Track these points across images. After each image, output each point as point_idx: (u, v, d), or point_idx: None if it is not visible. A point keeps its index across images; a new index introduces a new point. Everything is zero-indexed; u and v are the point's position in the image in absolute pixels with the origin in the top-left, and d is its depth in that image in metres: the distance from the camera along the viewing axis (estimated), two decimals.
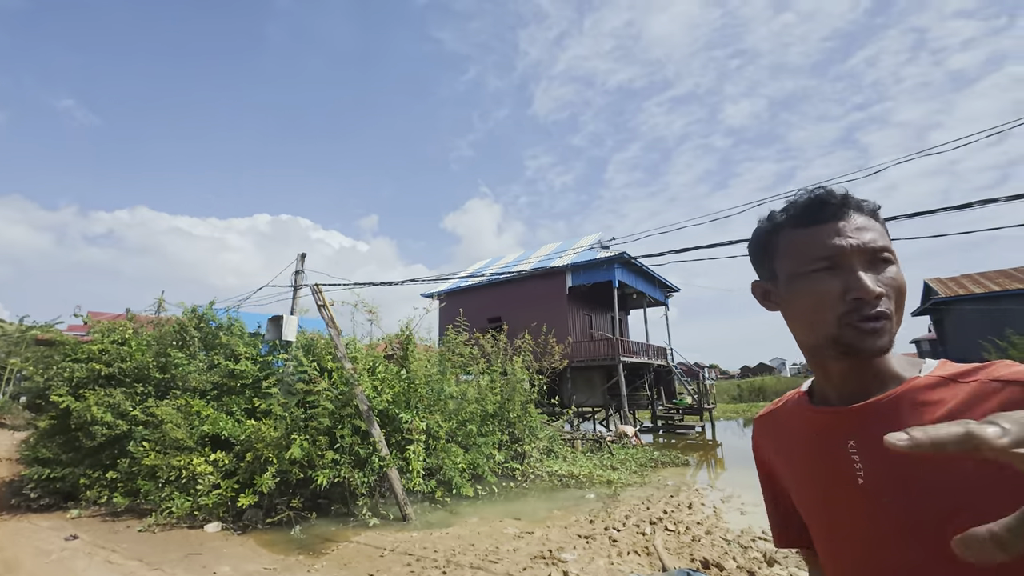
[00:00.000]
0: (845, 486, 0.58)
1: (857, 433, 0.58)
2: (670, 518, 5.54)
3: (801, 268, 0.62)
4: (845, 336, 0.58)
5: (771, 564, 4.13)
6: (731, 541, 4.76)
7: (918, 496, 0.52)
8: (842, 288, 0.58)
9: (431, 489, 6.24)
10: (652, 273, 16.64)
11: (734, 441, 13.90)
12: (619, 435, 11.31)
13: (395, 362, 7.54)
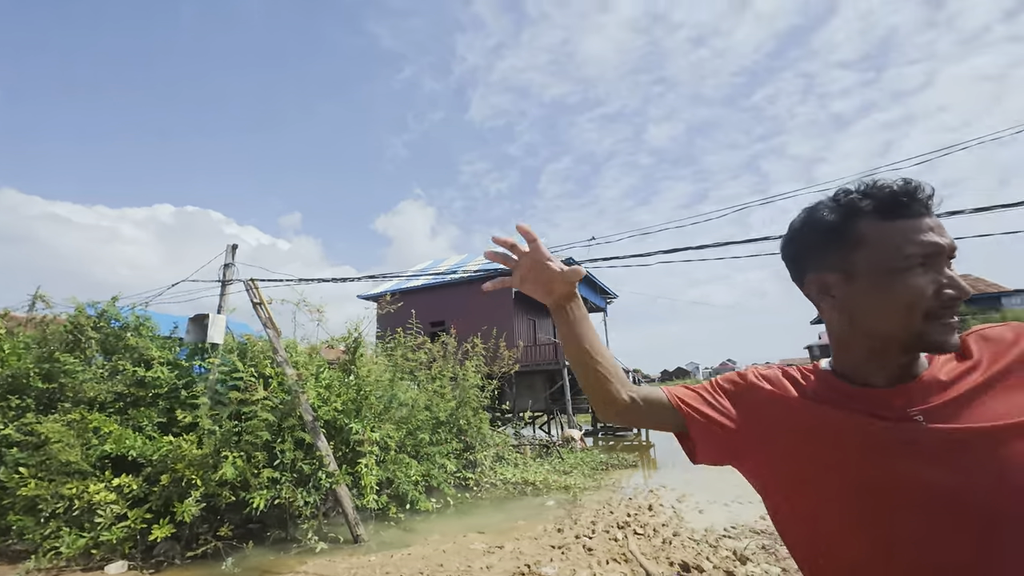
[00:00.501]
0: (920, 444, 0.59)
1: (926, 401, 0.61)
2: (636, 521, 5.52)
3: (895, 263, 0.60)
4: (933, 332, 0.60)
5: (744, 562, 4.20)
6: (700, 541, 4.81)
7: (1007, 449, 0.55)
8: (936, 286, 0.59)
9: (383, 505, 5.70)
10: (594, 279, 17.08)
11: (666, 443, 14.50)
12: (566, 439, 11.34)
13: (340, 367, 6.88)
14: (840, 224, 0.64)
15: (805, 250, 0.70)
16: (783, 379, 0.74)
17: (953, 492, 0.56)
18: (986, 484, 0.55)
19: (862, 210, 0.63)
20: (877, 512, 0.59)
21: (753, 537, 4.87)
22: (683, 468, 9.37)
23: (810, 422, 0.66)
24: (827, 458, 0.63)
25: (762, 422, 0.71)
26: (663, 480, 8.21)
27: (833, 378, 0.69)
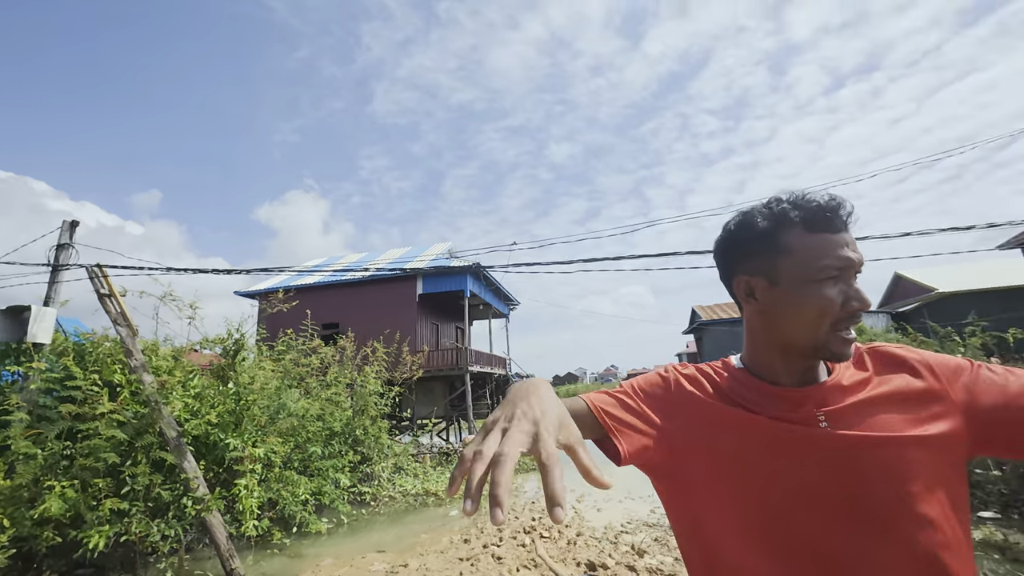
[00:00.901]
0: (820, 448, 0.63)
1: (824, 407, 0.66)
2: (541, 524, 5.59)
3: (812, 274, 0.64)
4: (832, 343, 0.64)
5: (641, 555, 4.47)
6: (601, 539, 5.02)
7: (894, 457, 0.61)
8: (844, 297, 0.63)
9: (265, 530, 5.00)
10: (499, 285, 17.27)
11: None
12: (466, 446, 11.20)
13: (216, 374, 5.93)
14: (770, 231, 0.68)
15: (736, 252, 0.73)
16: (700, 377, 0.76)
17: (848, 494, 0.61)
18: (878, 488, 0.60)
19: (791, 220, 0.66)
20: (779, 511, 0.62)
21: (647, 531, 5.23)
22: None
23: (722, 422, 0.69)
24: (736, 458, 0.66)
25: (679, 423, 0.72)
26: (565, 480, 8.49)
27: (747, 376, 0.73)
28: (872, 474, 0.61)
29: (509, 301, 20.06)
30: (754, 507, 0.64)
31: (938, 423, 0.63)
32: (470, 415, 13.57)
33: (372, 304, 14.99)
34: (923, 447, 0.61)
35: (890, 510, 0.59)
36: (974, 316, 6.41)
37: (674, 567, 4.08)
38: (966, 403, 0.64)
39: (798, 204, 0.67)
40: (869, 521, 0.60)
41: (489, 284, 17.03)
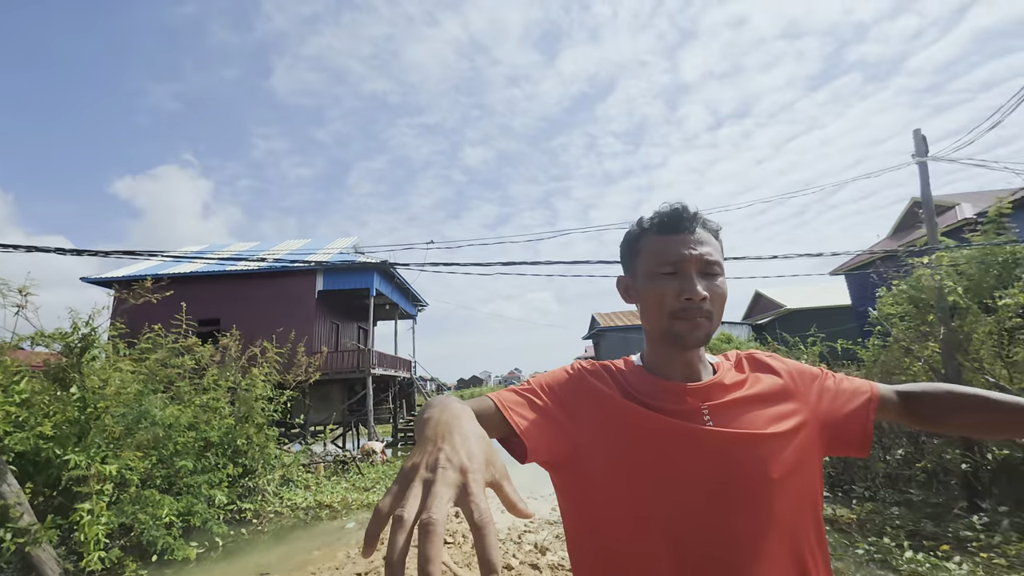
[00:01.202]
0: (702, 443, 0.69)
1: (707, 401, 0.73)
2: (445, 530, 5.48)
3: (654, 269, 0.74)
4: (675, 328, 0.72)
5: (544, 552, 4.59)
6: (505, 539, 5.06)
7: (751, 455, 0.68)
8: (679, 290, 0.71)
9: (115, 562, 4.21)
10: (408, 285, 16.74)
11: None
12: (366, 453, 10.61)
13: (53, 376, 4.89)
14: (637, 237, 0.78)
15: (621, 259, 0.83)
16: (603, 373, 0.80)
17: (725, 483, 0.68)
18: (749, 478, 0.68)
19: (649, 227, 0.77)
20: (667, 500, 0.68)
21: (549, 528, 5.39)
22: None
23: (620, 416, 0.73)
24: (631, 451, 0.70)
25: (582, 419, 0.74)
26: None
27: (643, 372, 0.79)
28: (745, 466, 0.68)
29: (417, 302, 19.54)
30: (646, 497, 0.68)
31: (796, 419, 0.73)
32: (371, 420, 12.90)
33: (262, 299, 13.57)
34: (785, 441, 0.71)
35: (759, 497, 0.67)
36: (815, 329, 7.69)
37: None
38: (815, 405, 0.76)
39: (655, 213, 0.77)
40: (743, 507, 0.67)
41: (397, 283, 16.43)
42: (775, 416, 0.73)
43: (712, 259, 0.73)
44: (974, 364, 4.75)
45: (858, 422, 0.76)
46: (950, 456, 4.63)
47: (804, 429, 0.73)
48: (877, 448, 5.69)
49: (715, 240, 0.77)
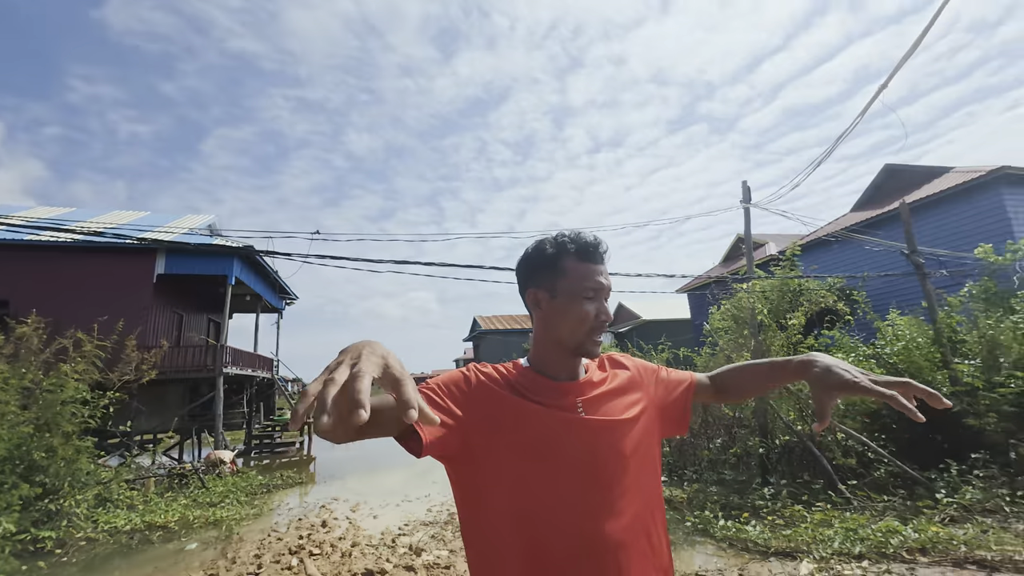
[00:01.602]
0: (576, 429, 0.84)
1: (581, 396, 0.89)
2: (311, 542, 5.11)
3: (578, 291, 0.87)
4: (587, 344, 0.88)
5: (419, 554, 4.59)
6: (379, 545, 4.93)
7: (621, 437, 0.86)
8: (597, 312, 0.87)
9: None
10: (276, 276, 15.09)
11: (329, 453, 13.92)
12: (212, 463, 9.29)
13: None
14: (554, 257, 0.89)
15: (530, 271, 0.92)
16: (495, 374, 0.91)
17: (592, 462, 0.82)
18: (610, 456, 0.83)
19: (568, 250, 0.88)
20: (549, 480, 0.81)
21: (424, 529, 5.39)
22: (353, 478, 9.36)
23: (509, 410, 0.84)
24: (517, 439, 0.82)
25: (475, 414, 0.83)
26: (333, 493, 7.93)
27: (531, 373, 0.91)
28: (607, 446, 0.83)
29: (285, 295, 17.69)
30: (529, 475, 0.80)
31: (641, 406, 0.92)
32: (219, 426, 11.30)
33: (78, 280, 11.02)
34: (634, 424, 0.88)
35: (617, 472, 0.83)
36: (664, 338, 8.99)
37: (450, 559, 4.34)
38: (653, 394, 0.97)
39: (574, 239, 0.89)
40: (605, 481, 0.82)
41: (263, 272, 14.72)
42: (628, 404, 0.91)
43: (611, 288, 0.91)
44: None
45: (680, 405, 0.99)
46: (752, 443, 5.83)
47: (646, 413, 0.93)
48: (703, 438, 6.87)
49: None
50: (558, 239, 0.90)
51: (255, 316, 16.82)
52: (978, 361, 5.18)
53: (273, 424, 15.24)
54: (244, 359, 13.82)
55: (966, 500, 4.00)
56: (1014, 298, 5.95)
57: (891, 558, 3.28)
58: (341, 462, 11.60)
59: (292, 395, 17.59)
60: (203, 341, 13.79)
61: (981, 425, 4.61)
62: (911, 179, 13.29)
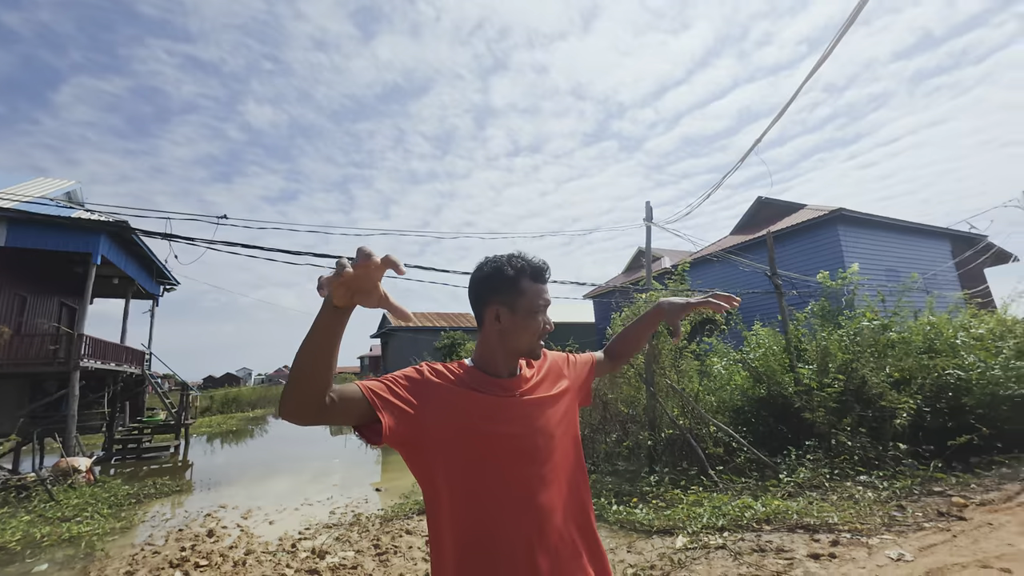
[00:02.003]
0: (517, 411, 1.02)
1: (521, 388, 1.07)
2: (195, 553, 4.68)
3: (534, 308, 1.05)
4: (536, 349, 1.09)
5: (323, 556, 4.45)
6: (276, 551, 4.67)
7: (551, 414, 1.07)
8: (543, 323, 1.08)
9: None
10: (154, 258, 13.24)
11: (209, 459, 12.53)
12: (63, 472, 7.94)
13: None
14: (514, 278, 1.04)
15: (492, 289, 1.06)
16: (444, 371, 1.04)
17: (531, 438, 1.00)
18: (545, 431, 1.02)
19: (526, 273, 1.06)
20: (497, 455, 0.96)
21: (328, 532, 5.21)
22: (240, 484, 8.61)
23: (460, 399, 0.98)
24: (468, 423, 0.96)
25: (430, 403, 0.96)
26: (219, 500, 7.25)
27: (477, 371, 1.06)
28: (542, 422, 1.03)
29: (165, 280, 15.59)
30: (477, 458, 0.94)
31: (563, 385, 1.14)
32: (72, 429, 9.64)
33: None
34: (561, 401, 1.11)
35: (551, 445, 1.02)
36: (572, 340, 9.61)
37: (357, 559, 4.27)
38: (571, 375, 1.20)
39: (529, 263, 1.06)
40: (542, 457, 0.99)
41: (138, 252, 12.86)
42: (556, 387, 1.12)
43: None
44: (661, 370, 6.85)
45: (587, 381, 1.26)
46: (642, 436, 6.53)
47: (569, 393, 1.15)
48: (601, 433, 7.49)
49: None
50: (515, 264, 1.05)
51: (124, 302, 14.61)
52: (815, 366, 6.37)
53: (142, 426, 13.36)
54: (108, 351, 11.95)
55: (800, 479, 4.93)
56: (841, 316, 7.39)
57: (745, 528, 3.95)
58: (222, 468, 10.56)
59: (166, 393, 15.57)
60: (53, 329, 11.67)
61: (813, 418, 5.69)
62: (777, 211, 15.71)
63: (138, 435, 12.92)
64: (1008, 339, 6.38)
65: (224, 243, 3.57)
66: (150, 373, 15.37)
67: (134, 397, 14.87)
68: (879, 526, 3.68)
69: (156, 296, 15.65)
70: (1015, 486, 4.23)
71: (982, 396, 5.35)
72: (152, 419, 14.00)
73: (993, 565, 2.84)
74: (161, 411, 15.36)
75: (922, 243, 14.27)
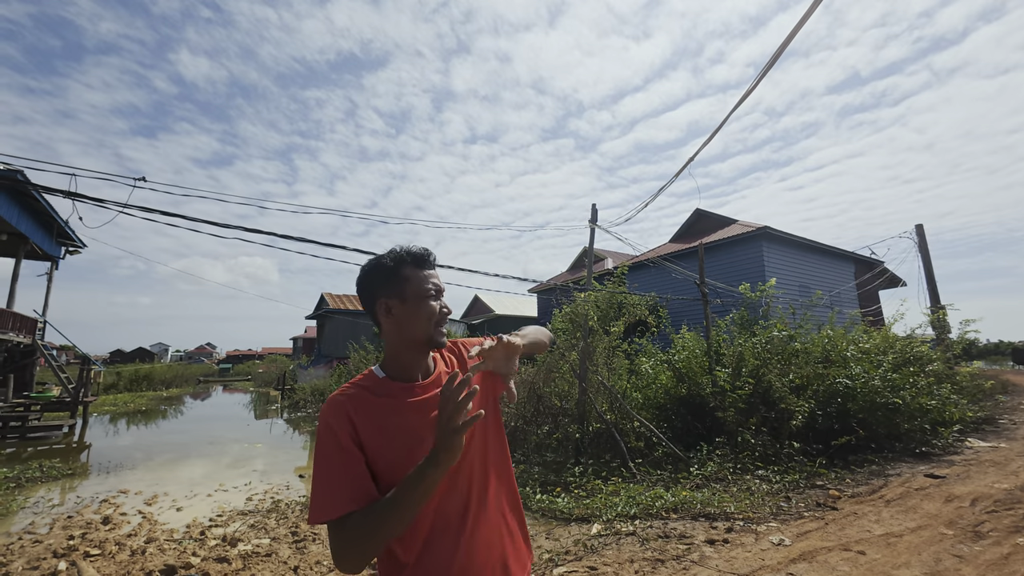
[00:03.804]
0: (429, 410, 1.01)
1: (436, 386, 1.06)
2: (86, 542, 4.30)
3: (421, 294, 1.02)
4: (435, 336, 1.04)
5: (234, 544, 4.25)
6: (182, 539, 4.40)
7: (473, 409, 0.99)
8: (439, 307, 1.04)
9: None
10: (54, 213, 11.78)
11: (111, 440, 11.47)
12: None
13: None
14: (395, 268, 1.03)
15: (376, 285, 1.04)
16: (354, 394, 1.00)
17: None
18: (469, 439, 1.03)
19: (406, 261, 1.04)
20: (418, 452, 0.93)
21: (243, 519, 4.98)
22: (146, 468, 7.97)
23: (378, 411, 0.97)
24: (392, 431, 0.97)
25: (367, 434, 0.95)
26: (120, 485, 6.67)
27: (388, 381, 1.03)
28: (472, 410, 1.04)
29: (67, 240, 13.92)
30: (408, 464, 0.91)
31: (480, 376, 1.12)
32: None
33: None
34: (482, 393, 1.10)
35: (477, 438, 1.05)
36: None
37: (272, 547, 4.13)
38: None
39: (408, 251, 1.05)
40: (470, 450, 1.02)
41: (35, 207, 11.39)
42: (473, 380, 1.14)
43: (443, 287, 1.09)
44: (594, 367, 7.15)
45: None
46: (572, 429, 6.80)
47: (488, 386, 1.15)
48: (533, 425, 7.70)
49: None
50: (393, 254, 1.05)
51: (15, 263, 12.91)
52: (730, 369, 6.94)
53: (28, 403, 11.93)
54: None
55: (707, 472, 5.37)
56: (756, 325, 8.08)
57: (655, 516, 4.26)
58: (126, 450, 9.70)
59: (62, 367, 14.00)
60: None
61: (725, 417, 6.21)
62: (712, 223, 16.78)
63: (23, 412, 11.53)
64: (889, 354, 7.31)
65: (140, 208, 3.21)
66: (43, 343, 13.73)
67: (21, 370, 13.23)
68: (768, 515, 4.11)
69: (56, 258, 13.95)
70: (879, 481, 4.88)
71: (863, 402, 6.09)
72: (42, 395, 12.55)
73: (852, 548, 3.28)
74: (55, 386, 13.82)
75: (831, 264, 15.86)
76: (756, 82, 3.28)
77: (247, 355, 75.14)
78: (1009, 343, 34.87)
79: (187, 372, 35.22)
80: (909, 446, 6.01)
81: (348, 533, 0.84)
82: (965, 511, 3.87)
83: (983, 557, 3.06)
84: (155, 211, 3.35)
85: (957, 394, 7.49)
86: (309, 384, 19.66)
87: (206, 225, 3.59)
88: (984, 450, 5.97)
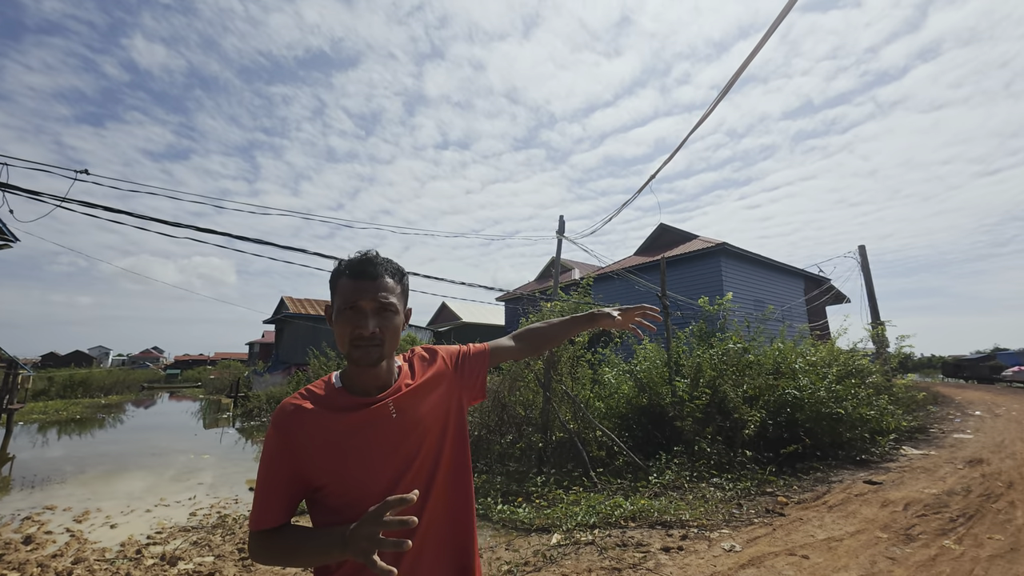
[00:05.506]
0: (391, 435, 0.94)
1: (394, 405, 0.96)
2: (4, 564, 3.92)
3: (340, 306, 0.93)
4: (352, 355, 0.92)
5: (174, 563, 3.99)
6: (116, 559, 4.09)
7: (424, 428, 0.98)
8: (354, 326, 0.91)
9: None
10: None
11: (38, 452, 10.41)
12: None
13: None
14: (334, 279, 0.97)
15: (330, 290, 0.99)
16: (307, 402, 0.94)
17: (405, 460, 0.93)
18: (421, 453, 0.95)
19: (343, 272, 0.95)
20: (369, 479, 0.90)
21: (185, 536, 4.68)
22: (78, 482, 7.39)
23: (327, 429, 0.91)
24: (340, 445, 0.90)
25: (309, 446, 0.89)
26: (46, 500, 6.15)
27: (343, 392, 0.97)
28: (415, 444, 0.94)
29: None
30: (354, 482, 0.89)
31: (446, 385, 1.06)
32: None
33: None
34: (442, 408, 1.02)
35: (427, 464, 0.95)
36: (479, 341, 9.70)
37: (216, 565, 3.90)
38: (460, 372, 1.11)
39: (350, 260, 0.96)
40: (423, 463, 0.94)
41: None
42: (434, 394, 1.02)
43: (387, 301, 0.92)
44: (558, 377, 7.21)
45: (479, 375, 1.14)
46: (535, 439, 6.81)
47: (454, 396, 1.06)
48: (496, 434, 7.67)
49: (396, 283, 0.97)
50: (342, 262, 0.98)
51: None
52: (689, 380, 7.16)
53: None
54: None
55: (665, 480, 5.50)
56: (714, 337, 8.39)
57: (613, 525, 4.32)
58: (56, 463, 8.97)
59: None
60: None
61: (683, 426, 6.39)
62: (675, 237, 17.37)
63: None
64: (833, 366, 7.75)
65: (81, 203, 2.97)
66: None
67: None
68: (720, 522, 4.24)
69: None
70: (823, 487, 5.14)
71: (810, 412, 6.42)
72: None
73: (797, 552, 3.44)
74: None
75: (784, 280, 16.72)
76: (715, 103, 3.45)
77: (198, 360, 71.19)
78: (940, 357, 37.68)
79: (129, 378, 33.04)
80: (851, 454, 6.37)
81: (256, 545, 0.89)
82: (899, 515, 4.13)
83: (913, 559, 3.27)
84: (98, 206, 3.13)
85: (893, 405, 8.03)
86: (265, 391, 18.83)
87: (155, 223, 3.39)
88: (916, 457, 6.41)
